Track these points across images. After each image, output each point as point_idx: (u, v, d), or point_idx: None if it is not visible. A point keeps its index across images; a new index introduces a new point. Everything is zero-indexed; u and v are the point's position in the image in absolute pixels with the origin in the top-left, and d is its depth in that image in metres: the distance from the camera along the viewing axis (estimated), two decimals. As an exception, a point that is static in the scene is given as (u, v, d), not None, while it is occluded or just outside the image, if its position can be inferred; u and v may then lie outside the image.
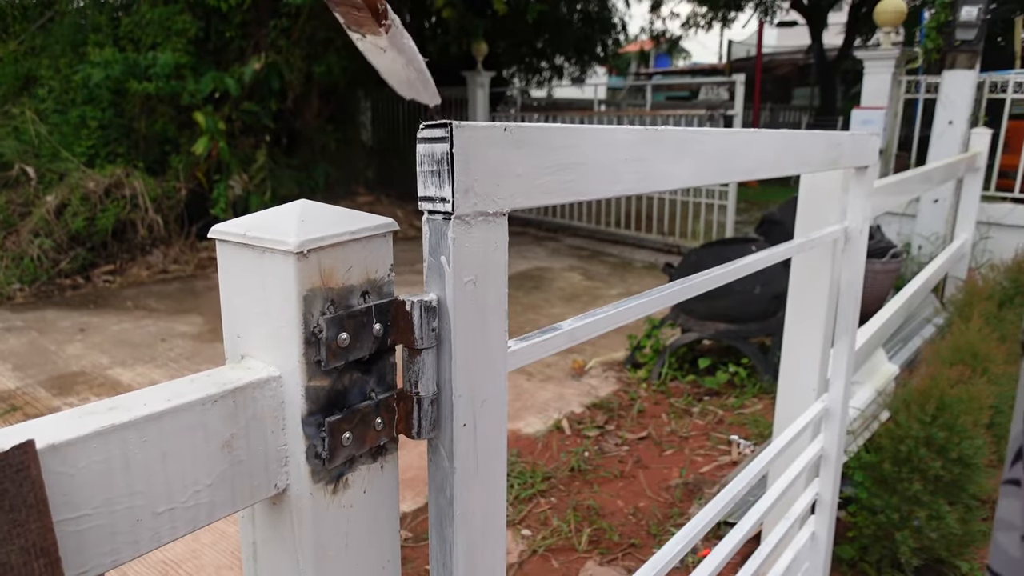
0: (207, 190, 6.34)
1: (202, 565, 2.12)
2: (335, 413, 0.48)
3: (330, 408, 0.48)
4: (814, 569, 1.56)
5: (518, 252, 6.59)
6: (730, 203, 6.34)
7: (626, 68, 15.37)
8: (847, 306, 1.45)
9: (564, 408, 3.22)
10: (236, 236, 0.47)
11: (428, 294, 0.53)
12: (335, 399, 0.48)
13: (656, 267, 6.11)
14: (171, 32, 6.18)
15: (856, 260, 1.44)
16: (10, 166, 5.69)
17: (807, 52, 16.06)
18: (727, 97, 6.99)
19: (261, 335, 0.48)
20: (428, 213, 0.54)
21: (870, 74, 5.42)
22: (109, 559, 0.39)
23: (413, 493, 2.49)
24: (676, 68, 21.34)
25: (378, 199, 8.15)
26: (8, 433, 0.34)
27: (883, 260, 3.81)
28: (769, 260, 1.10)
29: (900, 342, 3.11)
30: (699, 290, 0.92)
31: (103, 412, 0.39)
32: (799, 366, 1.57)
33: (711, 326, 3.46)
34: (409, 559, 2.14)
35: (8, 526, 0.32)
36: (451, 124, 0.51)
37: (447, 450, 0.55)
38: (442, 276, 0.53)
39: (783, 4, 14.82)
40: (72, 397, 3.37)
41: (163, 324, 4.53)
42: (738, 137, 0.88)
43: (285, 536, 0.50)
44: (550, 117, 8.48)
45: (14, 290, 5.11)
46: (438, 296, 0.53)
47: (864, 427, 2.25)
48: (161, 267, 5.88)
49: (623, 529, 2.30)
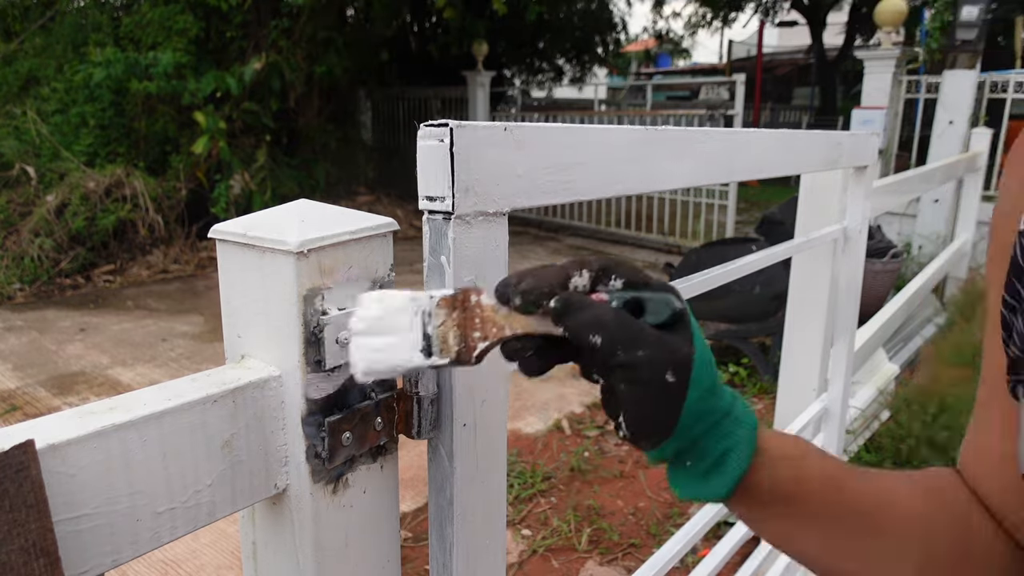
0: (207, 190, 6.34)
1: (202, 565, 2.12)
2: (335, 413, 0.48)
3: (330, 408, 0.48)
4: (814, 569, 1.56)
5: (518, 252, 6.59)
6: (730, 203, 6.34)
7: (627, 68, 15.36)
8: (847, 306, 1.45)
9: (564, 408, 3.22)
10: (236, 236, 0.47)
11: (428, 294, 0.53)
12: (335, 399, 0.48)
13: (656, 267, 6.11)
14: (172, 32, 6.18)
15: (856, 260, 1.44)
16: (11, 166, 5.69)
17: (807, 52, 16.06)
18: (727, 97, 6.99)
19: (261, 335, 0.48)
20: (428, 213, 0.53)
21: (870, 74, 5.42)
22: (109, 559, 0.39)
23: (413, 493, 2.49)
24: (676, 68, 21.33)
25: (378, 199, 8.15)
26: (8, 433, 0.34)
27: (883, 260, 3.81)
28: (769, 260, 1.10)
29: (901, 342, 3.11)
30: (699, 290, 0.92)
31: (103, 412, 0.39)
32: (799, 366, 1.57)
33: (711, 326, 3.45)
34: (409, 559, 2.14)
35: (8, 526, 0.32)
36: (451, 124, 0.51)
37: (447, 450, 0.55)
38: (442, 276, 0.53)
39: (783, 4, 14.82)
40: (72, 397, 3.37)
41: (163, 324, 4.53)
42: (738, 137, 0.88)
43: (285, 536, 0.50)
44: (550, 117, 8.48)
45: (14, 290, 5.11)
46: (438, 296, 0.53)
47: (864, 427, 2.25)
48: (161, 267, 5.88)
49: (623, 529, 2.30)
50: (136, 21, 6.34)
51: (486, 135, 0.52)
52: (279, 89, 6.69)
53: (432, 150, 0.52)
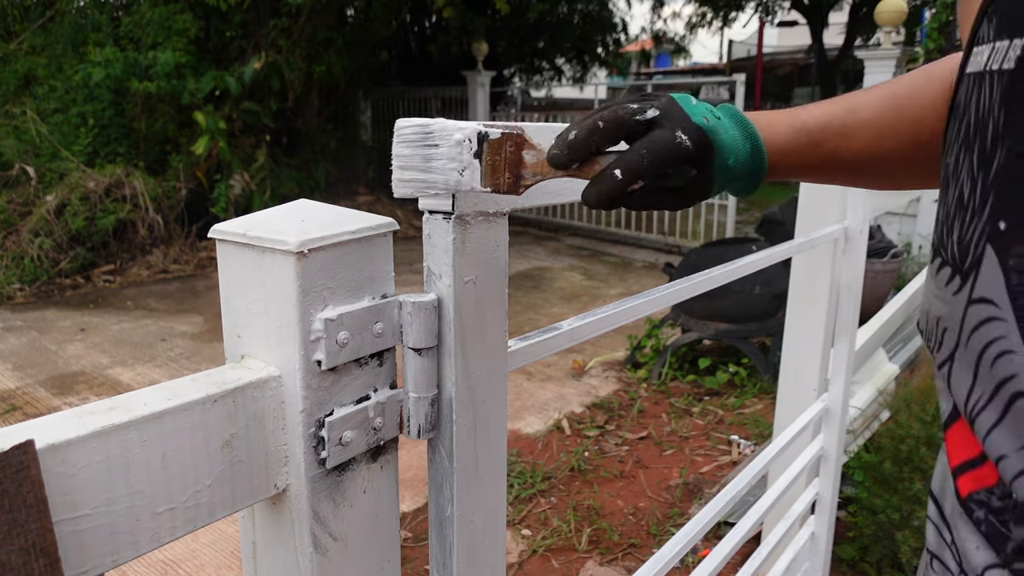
0: (207, 189, 6.34)
1: (202, 565, 2.12)
2: (335, 413, 0.48)
3: (330, 408, 0.48)
4: (814, 569, 1.56)
5: (518, 252, 6.59)
6: (730, 203, 6.34)
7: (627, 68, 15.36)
8: (847, 306, 1.45)
9: (564, 408, 3.22)
10: (236, 236, 0.47)
11: (428, 294, 0.53)
12: (335, 399, 0.48)
13: (656, 267, 6.11)
14: (171, 31, 6.18)
15: (856, 260, 1.44)
16: (10, 166, 5.69)
17: (808, 52, 16.06)
18: (727, 97, 6.99)
19: (261, 335, 0.48)
20: (428, 213, 0.53)
21: (871, 74, 5.42)
22: (109, 559, 0.39)
23: (413, 493, 2.49)
24: (676, 68, 21.33)
25: (378, 199, 8.15)
26: (8, 433, 0.34)
27: (883, 260, 3.80)
28: (769, 260, 1.10)
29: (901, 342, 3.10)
30: (699, 290, 0.92)
31: (103, 412, 0.38)
32: (799, 366, 1.57)
33: (711, 326, 3.46)
34: (409, 559, 2.14)
35: (8, 526, 0.32)
36: (451, 124, 0.50)
37: (447, 450, 0.55)
38: (442, 276, 0.53)
39: (784, 4, 14.81)
40: (72, 397, 3.37)
41: (163, 324, 4.53)
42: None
43: (285, 536, 0.50)
44: (550, 117, 8.48)
45: (14, 290, 5.11)
46: (438, 296, 0.53)
47: (864, 427, 2.25)
48: (161, 267, 5.88)
49: (623, 529, 2.30)
50: (136, 21, 6.33)
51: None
52: (279, 89, 6.69)
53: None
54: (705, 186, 0.54)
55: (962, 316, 0.43)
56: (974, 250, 0.42)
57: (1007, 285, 0.40)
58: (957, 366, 0.44)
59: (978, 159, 0.42)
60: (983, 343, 0.41)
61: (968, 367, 0.43)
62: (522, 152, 0.51)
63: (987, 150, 0.41)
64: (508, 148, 0.50)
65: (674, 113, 0.52)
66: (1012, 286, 0.39)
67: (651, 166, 0.50)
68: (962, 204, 0.44)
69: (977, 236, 0.42)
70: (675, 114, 0.52)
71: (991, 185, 0.41)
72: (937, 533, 0.50)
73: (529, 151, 0.51)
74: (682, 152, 0.50)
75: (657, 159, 0.50)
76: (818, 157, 0.61)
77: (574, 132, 0.50)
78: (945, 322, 0.45)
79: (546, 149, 0.51)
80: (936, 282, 0.47)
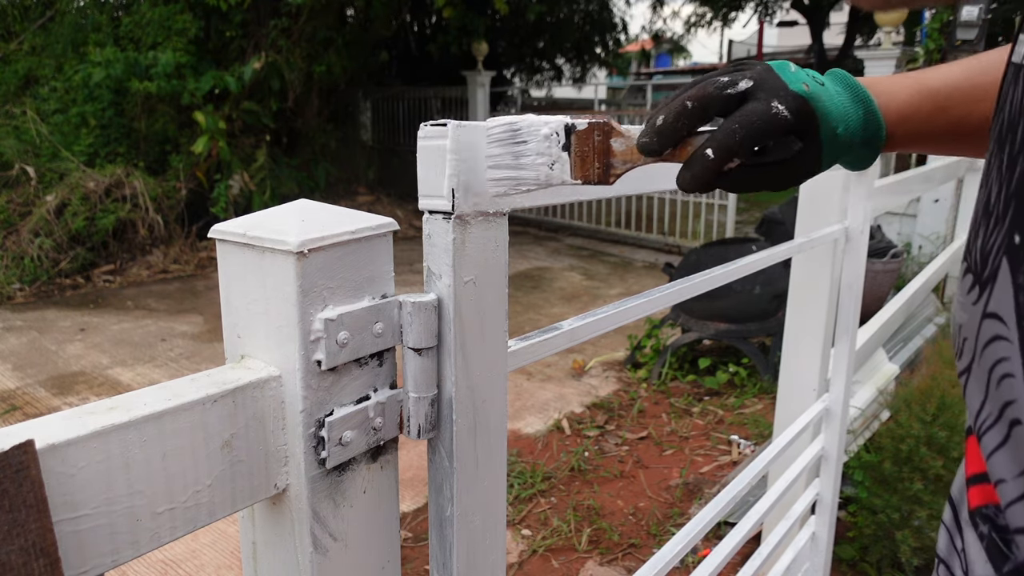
0: (207, 189, 6.34)
1: (202, 565, 2.12)
2: (335, 413, 0.48)
3: (330, 408, 0.48)
4: (814, 569, 1.56)
5: (518, 252, 6.59)
6: (730, 203, 6.34)
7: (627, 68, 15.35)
8: (847, 306, 1.45)
9: (564, 408, 3.22)
10: (236, 236, 0.47)
11: (428, 294, 0.53)
12: (335, 399, 0.48)
13: (656, 267, 6.11)
14: (171, 31, 6.18)
15: (857, 260, 1.43)
16: (10, 166, 5.69)
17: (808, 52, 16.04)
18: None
19: (261, 335, 0.48)
20: (428, 213, 0.53)
21: (871, 74, 5.42)
22: (109, 559, 0.39)
23: (413, 493, 2.49)
24: (676, 68, 21.33)
25: (378, 199, 8.15)
26: (8, 433, 0.34)
27: (883, 260, 3.80)
28: (769, 260, 1.10)
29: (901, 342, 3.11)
30: (699, 290, 0.92)
31: (103, 412, 0.38)
32: (799, 366, 1.57)
33: (711, 326, 3.45)
34: (409, 559, 2.14)
35: (8, 526, 0.32)
36: (451, 124, 0.50)
37: (447, 450, 0.55)
38: (442, 276, 0.53)
39: (783, 4, 14.80)
40: (72, 397, 3.37)
41: (163, 324, 4.53)
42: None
43: (285, 536, 0.50)
44: (550, 117, 8.46)
45: (14, 290, 5.11)
46: (438, 296, 0.53)
47: (865, 427, 2.25)
48: (161, 267, 5.87)
49: (623, 529, 2.30)
50: (136, 21, 6.33)
51: (486, 135, 0.52)
52: (279, 89, 6.69)
53: (432, 150, 0.52)
54: (812, 159, 0.50)
55: (978, 329, 0.41)
56: (992, 261, 0.40)
57: (1016, 304, 0.37)
58: (972, 379, 0.43)
59: (1007, 162, 0.39)
60: (992, 361, 0.39)
61: (981, 383, 0.41)
62: (610, 141, 0.50)
63: (1014, 153, 0.38)
64: (596, 138, 0.49)
65: (769, 82, 0.48)
66: (1020, 305, 0.37)
67: (745, 141, 0.47)
68: (987, 209, 0.41)
69: (997, 246, 0.39)
70: (770, 83, 0.48)
71: (1013, 194, 0.38)
72: (949, 538, 0.49)
73: (618, 139, 0.50)
74: (780, 123, 0.47)
75: (751, 133, 0.47)
76: (942, 124, 0.55)
77: (662, 116, 0.48)
78: (965, 331, 0.44)
79: (635, 136, 0.50)
80: (960, 287, 0.45)
